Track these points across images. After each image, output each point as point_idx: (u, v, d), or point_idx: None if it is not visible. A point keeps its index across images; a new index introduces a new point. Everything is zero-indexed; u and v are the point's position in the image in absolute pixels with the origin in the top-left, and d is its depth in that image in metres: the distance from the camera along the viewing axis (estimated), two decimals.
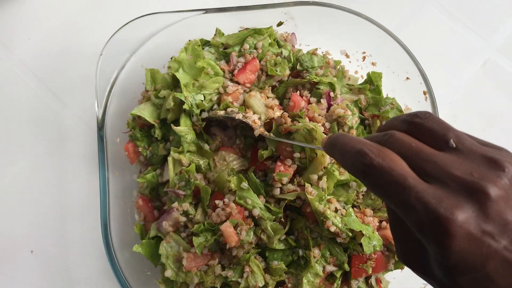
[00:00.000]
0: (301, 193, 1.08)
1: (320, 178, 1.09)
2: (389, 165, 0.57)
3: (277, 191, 1.10)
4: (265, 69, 1.20)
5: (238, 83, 1.19)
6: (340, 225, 1.05)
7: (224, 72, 1.20)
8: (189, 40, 1.21)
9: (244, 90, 1.19)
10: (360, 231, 1.06)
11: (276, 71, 1.19)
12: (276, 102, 1.18)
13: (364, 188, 1.14)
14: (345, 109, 1.15)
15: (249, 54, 1.20)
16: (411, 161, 0.59)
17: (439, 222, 0.53)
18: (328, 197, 1.08)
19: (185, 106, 1.12)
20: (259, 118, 1.13)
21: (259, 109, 1.15)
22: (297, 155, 1.10)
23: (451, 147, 0.59)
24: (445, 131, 0.61)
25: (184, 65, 1.18)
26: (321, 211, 1.05)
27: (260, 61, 1.20)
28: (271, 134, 1.12)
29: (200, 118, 1.15)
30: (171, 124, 1.14)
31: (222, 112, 1.13)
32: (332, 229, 1.05)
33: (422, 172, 0.57)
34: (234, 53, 1.21)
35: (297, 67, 1.22)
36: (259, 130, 1.10)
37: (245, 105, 1.17)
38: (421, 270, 0.61)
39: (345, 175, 1.11)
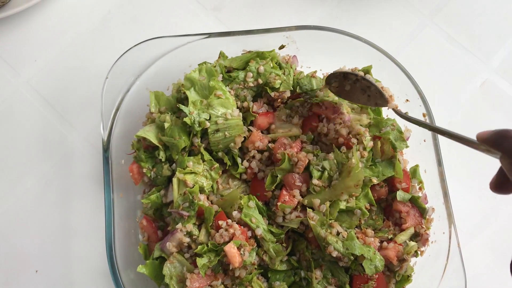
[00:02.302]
0: (304, 218, 1.10)
1: (321, 203, 1.11)
2: None
3: (279, 219, 1.12)
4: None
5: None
6: (342, 249, 1.07)
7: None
8: (205, 62, 1.24)
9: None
10: (362, 254, 1.07)
11: (279, 87, 1.22)
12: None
13: (367, 216, 1.16)
14: (366, 128, 1.17)
15: (253, 82, 1.22)
16: None
17: None
18: (330, 221, 1.10)
19: (186, 120, 1.13)
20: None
21: None
22: (315, 181, 1.11)
23: None
24: None
25: (196, 85, 1.20)
26: (322, 237, 1.07)
27: (264, 85, 1.23)
28: (407, 113, 1.13)
29: (199, 139, 1.16)
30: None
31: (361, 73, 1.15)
32: (334, 254, 1.06)
33: None
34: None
35: (297, 90, 1.25)
36: (394, 104, 1.12)
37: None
38: None
39: (351, 203, 1.12)
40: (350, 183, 1.09)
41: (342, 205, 1.10)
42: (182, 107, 1.15)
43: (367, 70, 1.19)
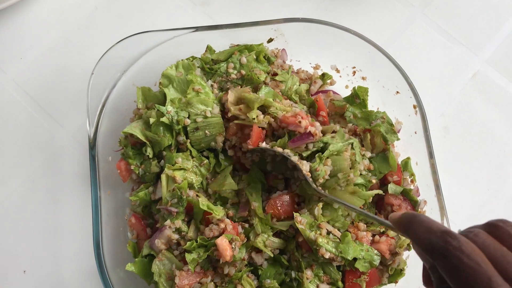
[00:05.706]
0: (294, 222, 1.08)
1: (312, 208, 1.09)
2: (477, 257, 0.58)
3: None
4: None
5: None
6: (333, 250, 1.05)
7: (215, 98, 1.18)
8: (192, 57, 1.22)
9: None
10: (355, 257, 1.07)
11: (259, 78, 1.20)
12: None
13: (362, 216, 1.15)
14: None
15: (236, 74, 1.20)
16: (496, 262, 0.59)
17: None
18: (318, 222, 1.08)
19: (164, 120, 1.12)
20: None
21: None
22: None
23: None
24: None
25: (174, 82, 1.18)
26: (313, 239, 1.05)
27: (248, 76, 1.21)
28: (327, 192, 1.11)
29: (184, 136, 1.15)
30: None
31: (280, 149, 1.10)
32: (327, 256, 1.05)
33: (506, 276, 0.57)
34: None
35: None
36: (314, 184, 1.09)
37: None
38: None
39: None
40: (354, 200, 1.09)
41: (341, 211, 1.10)
42: (159, 106, 1.13)
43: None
